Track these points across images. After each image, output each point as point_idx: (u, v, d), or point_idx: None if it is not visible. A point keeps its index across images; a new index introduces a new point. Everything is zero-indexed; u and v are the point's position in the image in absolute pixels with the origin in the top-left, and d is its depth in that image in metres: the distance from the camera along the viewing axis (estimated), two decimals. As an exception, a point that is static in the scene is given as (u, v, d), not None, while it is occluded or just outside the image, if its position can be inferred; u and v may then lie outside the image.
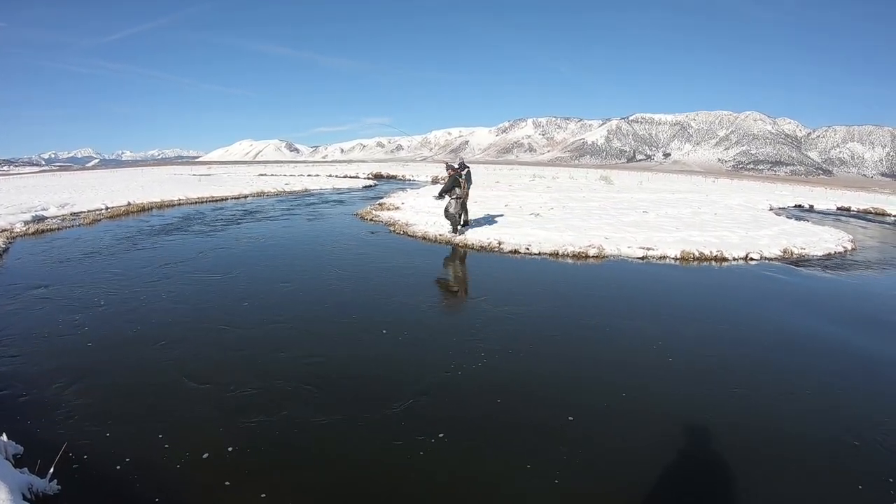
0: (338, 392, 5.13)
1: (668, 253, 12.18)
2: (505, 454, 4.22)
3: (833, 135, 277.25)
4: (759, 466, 4.14)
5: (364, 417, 4.67)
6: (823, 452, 4.40)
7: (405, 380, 5.42)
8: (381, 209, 19.03)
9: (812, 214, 26.71)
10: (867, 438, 4.58)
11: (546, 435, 4.48)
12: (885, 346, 6.97)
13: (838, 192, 49.02)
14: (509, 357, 6.07)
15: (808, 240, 14.94)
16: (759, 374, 5.85)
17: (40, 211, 17.94)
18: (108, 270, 9.72)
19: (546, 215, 17.33)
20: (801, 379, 5.79)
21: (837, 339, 7.12)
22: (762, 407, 5.06)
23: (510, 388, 5.28)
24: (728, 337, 7.00)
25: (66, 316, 7.19)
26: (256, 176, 45.41)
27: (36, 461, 3.82)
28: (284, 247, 12.57)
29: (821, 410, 5.08)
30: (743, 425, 4.71)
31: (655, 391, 5.32)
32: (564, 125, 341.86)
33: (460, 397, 5.09)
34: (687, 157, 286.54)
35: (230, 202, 24.05)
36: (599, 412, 4.89)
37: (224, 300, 8.01)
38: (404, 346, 6.38)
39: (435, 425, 4.56)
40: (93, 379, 5.36)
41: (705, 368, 5.94)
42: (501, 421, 4.69)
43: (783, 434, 4.63)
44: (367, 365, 5.79)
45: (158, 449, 4.21)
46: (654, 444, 4.39)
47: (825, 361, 6.35)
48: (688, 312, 8.11)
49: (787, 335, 7.16)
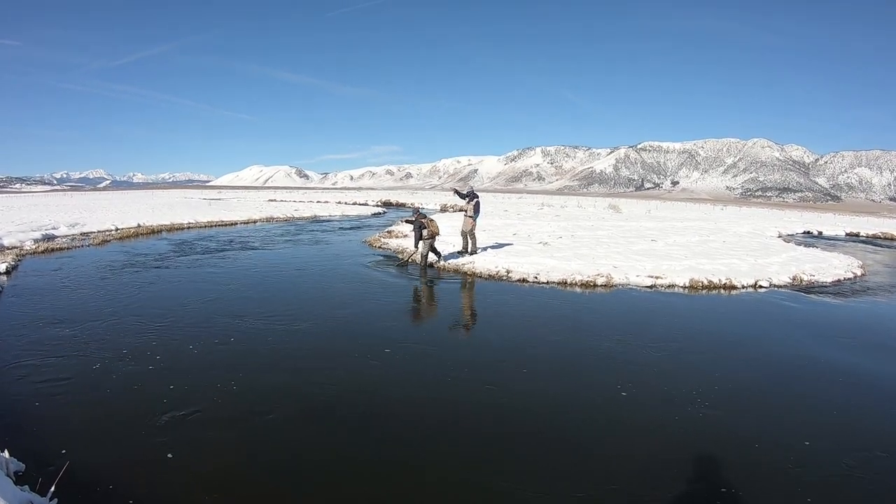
0: (340, 416, 5.12)
1: (677, 281, 12.15)
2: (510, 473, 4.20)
3: (841, 160, 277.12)
4: (771, 488, 4.09)
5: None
6: (833, 474, 4.34)
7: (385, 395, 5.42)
8: (389, 236, 19.15)
9: (821, 240, 26.65)
10: (876, 463, 4.53)
11: (551, 455, 4.46)
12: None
13: (847, 218, 48.95)
14: (515, 385, 6.05)
15: (818, 266, 14.88)
16: (768, 399, 5.79)
17: (50, 230, 18.21)
18: (114, 293, 9.77)
19: (554, 244, 17.36)
20: (812, 404, 5.72)
21: (847, 365, 7.04)
22: (773, 432, 5.00)
23: (513, 416, 5.26)
24: (737, 364, 6.93)
25: (72, 336, 7.23)
26: (266, 201, 45.88)
27: (37, 479, 3.81)
28: (290, 274, 12.61)
29: (831, 435, 5.02)
30: (754, 451, 4.66)
31: (665, 418, 5.27)
32: (573, 154, 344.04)
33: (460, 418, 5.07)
34: (695, 185, 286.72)
35: (239, 227, 24.29)
36: (608, 438, 4.86)
37: (239, 329, 8.03)
38: (401, 370, 6.38)
39: (429, 435, 4.56)
40: (96, 399, 5.37)
41: (714, 396, 5.88)
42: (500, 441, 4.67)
43: (795, 458, 4.57)
44: (363, 387, 5.79)
45: (162, 471, 4.21)
46: (668, 471, 4.35)
47: (834, 387, 6.28)
48: (696, 340, 8.04)
49: (796, 362, 7.08)
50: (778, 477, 4.36)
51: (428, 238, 13.03)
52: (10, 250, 14.03)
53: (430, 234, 13.03)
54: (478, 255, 14.23)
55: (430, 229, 13.00)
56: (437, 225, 13.31)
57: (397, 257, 14.92)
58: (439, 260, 13.69)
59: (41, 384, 5.69)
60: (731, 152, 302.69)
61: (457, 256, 14.33)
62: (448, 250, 14.83)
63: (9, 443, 4.24)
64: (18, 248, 14.47)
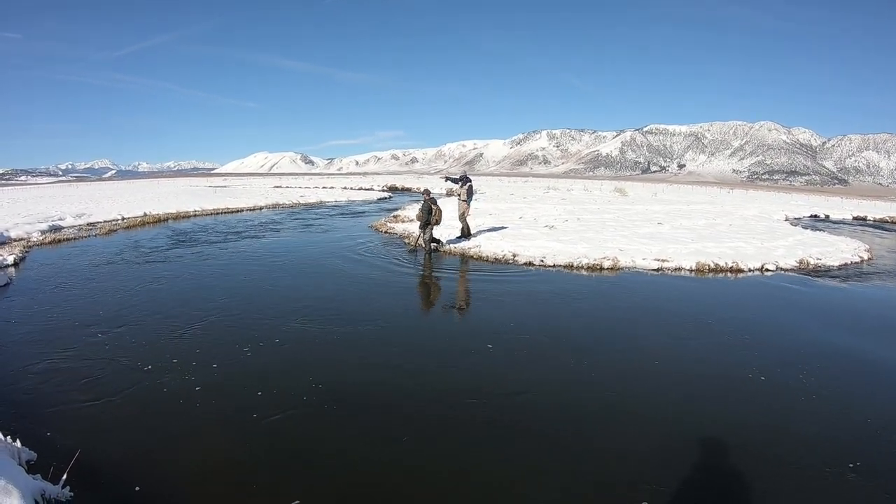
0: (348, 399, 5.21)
1: (684, 264, 12.16)
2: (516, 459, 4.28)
3: (848, 144, 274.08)
4: (772, 471, 4.15)
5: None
6: (836, 457, 4.38)
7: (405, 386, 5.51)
8: (395, 221, 19.20)
9: (828, 224, 26.50)
10: (876, 442, 4.60)
11: (556, 442, 4.53)
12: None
13: (854, 202, 48.51)
14: (517, 370, 6.13)
15: (824, 250, 14.86)
16: (773, 380, 5.84)
17: (57, 221, 18.29)
18: (124, 283, 9.87)
19: (560, 227, 17.37)
20: (817, 385, 5.76)
21: (853, 348, 7.07)
22: (780, 412, 5.06)
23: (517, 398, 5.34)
24: (743, 347, 6.97)
25: (82, 327, 7.30)
26: (272, 188, 45.86)
27: (49, 467, 3.86)
28: (299, 256, 12.70)
29: (835, 415, 5.07)
30: (760, 434, 4.72)
31: (670, 399, 5.33)
32: (579, 137, 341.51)
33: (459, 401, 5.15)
34: (701, 168, 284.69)
35: (246, 214, 24.32)
36: (612, 420, 4.92)
37: (249, 318, 8.11)
38: (407, 356, 6.47)
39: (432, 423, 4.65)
40: (107, 388, 5.42)
41: (721, 378, 5.94)
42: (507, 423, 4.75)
43: (800, 440, 4.63)
44: (371, 372, 5.87)
45: (173, 458, 4.27)
46: (670, 453, 4.41)
47: (839, 370, 6.32)
48: (702, 323, 8.07)
49: (801, 345, 7.12)
50: (781, 455, 4.43)
51: (433, 224, 13.10)
52: (18, 242, 14.12)
53: (436, 221, 13.10)
54: (484, 239, 14.28)
55: (436, 216, 13.09)
56: (442, 214, 13.39)
57: (403, 242, 14.97)
58: (440, 245, 13.78)
59: (52, 374, 5.77)
60: (737, 135, 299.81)
61: (458, 241, 14.46)
62: (447, 235, 14.90)
63: (21, 432, 4.33)
64: (25, 240, 14.54)
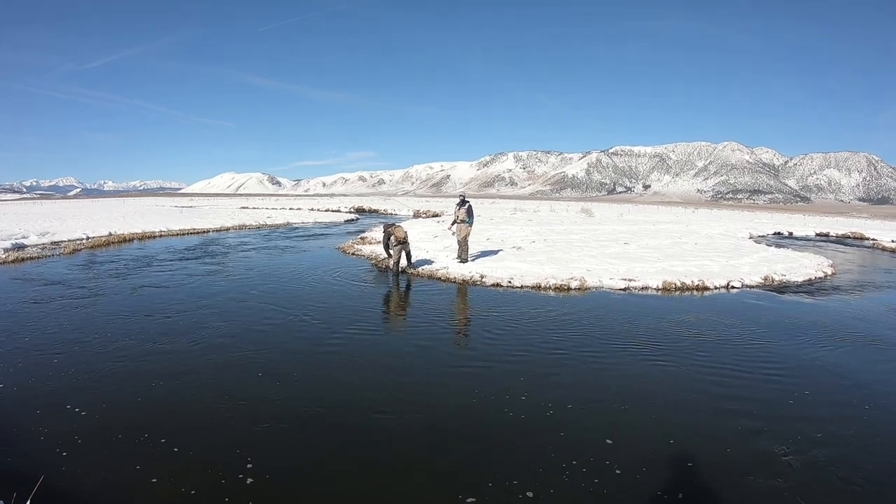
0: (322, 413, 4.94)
1: (650, 283, 12.15)
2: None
3: (810, 162, 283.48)
4: (742, 479, 4.02)
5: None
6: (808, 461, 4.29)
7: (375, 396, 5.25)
8: (362, 243, 18.93)
9: (792, 241, 27.10)
10: (846, 446, 4.50)
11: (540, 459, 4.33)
12: (863, 364, 7.09)
13: (817, 219, 49.98)
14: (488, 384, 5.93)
15: (789, 266, 15.08)
16: (743, 393, 5.74)
17: (20, 239, 17.66)
18: (86, 305, 9.42)
19: (528, 248, 17.32)
20: (786, 395, 5.69)
21: (817, 359, 7.07)
22: (750, 426, 4.95)
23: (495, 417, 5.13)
24: (709, 362, 6.90)
25: (43, 348, 6.99)
26: (238, 209, 45.27)
27: (12, 493, 3.57)
28: (260, 281, 12.31)
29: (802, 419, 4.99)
30: (731, 447, 4.59)
31: (642, 418, 5.19)
32: (545, 159, 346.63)
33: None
34: (667, 189, 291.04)
35: (212, 234, 23.84)
36: (590, 441, 4.75)
37: (218, 338, 7.77)
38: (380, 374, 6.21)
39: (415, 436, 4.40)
40: (70, 410, 5.17)
41: (690, 395, 5.83)
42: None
43: (775, 451, 4.52)
44: (341, 392, 5.61)
45: (138, 484, 4.04)
46: (646, 471, 4.25)
47: (804, 380, 6.32)
48: (668, 340, 7.98)
49: (764, 359, 7.09)
50: (754, 465, 4.30)
51: (396, 245, 12.92)
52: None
53: (397, 241, 12.92)
54: (450, 261, 14.11)
55: (395, 235, 12.94)
56: (402, 229, 13.21)
57: (370, 264, 14.73)
58: (409, 266, 13.55)
59: (14, 396, 5.52)
60: (701, 156, 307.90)
61: (431, 263, 14.22)
62: (422, 256, 14.69)
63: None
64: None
